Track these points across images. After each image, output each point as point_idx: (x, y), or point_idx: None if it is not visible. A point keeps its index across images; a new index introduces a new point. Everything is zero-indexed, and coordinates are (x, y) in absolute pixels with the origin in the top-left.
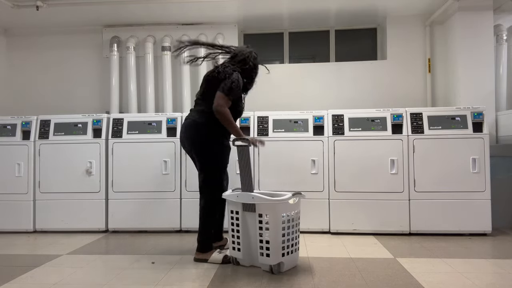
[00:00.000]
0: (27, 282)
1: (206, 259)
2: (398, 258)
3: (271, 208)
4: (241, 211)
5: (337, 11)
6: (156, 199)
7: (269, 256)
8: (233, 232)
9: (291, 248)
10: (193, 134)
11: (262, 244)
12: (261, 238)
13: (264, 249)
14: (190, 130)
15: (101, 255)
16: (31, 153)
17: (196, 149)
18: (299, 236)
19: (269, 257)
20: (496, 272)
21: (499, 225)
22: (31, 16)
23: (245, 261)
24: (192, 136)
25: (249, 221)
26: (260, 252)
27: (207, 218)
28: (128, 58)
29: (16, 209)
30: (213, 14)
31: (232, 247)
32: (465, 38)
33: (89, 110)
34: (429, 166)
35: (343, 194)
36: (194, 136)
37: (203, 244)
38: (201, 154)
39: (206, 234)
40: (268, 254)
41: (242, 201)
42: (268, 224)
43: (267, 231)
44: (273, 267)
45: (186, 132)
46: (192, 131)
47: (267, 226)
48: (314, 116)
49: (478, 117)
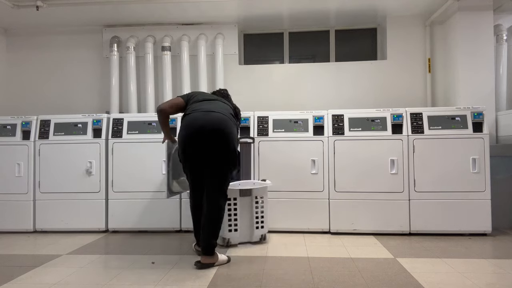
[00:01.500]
0: (27, 282)
1: (214, 262)
2: (398, 258)
3: (263, 191)
4: (238, 197)
5: (337, 11)
6: (156, 199)
7: (263, 228)
8: (230, 216)
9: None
10: (231, 128)
11: (258, 219)
12: (256, 215)
13: (259, 223)
14: (228, 123)
15: (101, 255)
16: (31, 153)
17: (229, 146)
18: None
19: (263, 228)
20: (496, 272)
21: (499, 225)
22: (31, 16)
23: (238, 239)
24: (230, 129)
25: (244, 204)
26: (255, 226)
27: (221, 220)
28: (128, 58)
29: (16, 209)
30: (213, 14)
31: (228, 229)
32: (465, 38)
33: (89, 110)
34: (429, 166)
35: (343, 194)
36: (231, 130)
37: (214, 247)
38: (230, 152)
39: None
40: (263, 226)
41: (244, 187)
42: (263, 203)
43: (262, 209)
44: (265, 236)
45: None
46: (230, 125)
47: (262, 205)
48: (314, 116)
49: (478, 117)
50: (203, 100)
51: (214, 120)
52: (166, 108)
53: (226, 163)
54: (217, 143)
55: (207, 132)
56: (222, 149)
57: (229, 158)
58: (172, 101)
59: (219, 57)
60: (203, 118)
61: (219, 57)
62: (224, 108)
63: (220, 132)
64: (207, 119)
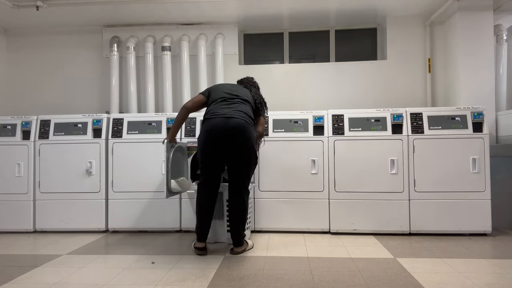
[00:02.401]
0: (27, 282)
1: (245, 249)
2: (398, 258)
3: None
4: None
5: (337, 11)
6: (156, 199)
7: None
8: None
9: None
10: (251, 133)
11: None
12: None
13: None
14: (247, 129)
15: (101, 255)
16: (31, 153)
17: (250, 149)
18: None
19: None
20: (496, 272)
21: (499, 225)
22: (31, 16)
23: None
24: (250, 135)
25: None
26: None
27: (247, 214)
28: (128, 58)
29: (16, 209)
30: (213, 14)
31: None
32: (465, 38)
33: (89, 110)
34: (429, 166)
35: (343, 194)
36: (251, 135)
37: (244, 238)
38: (251, 155)
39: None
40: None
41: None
42: None
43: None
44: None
45: (242, 130)
46: (249, 130)
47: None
48: (314, 116)
49: (478, 117)
50: (222, 101)
51: (234, 128)
52: (188, 105)
53: (247, 164)
54: (237, 148)
55: (228, 139)
56: (242, 154)
57: (250, 161)
58: (193, 99)
59: (219, 57)
60: (223, 126)
61: (219, 57)
62: (242, 111)
63: (239, 139)
64: (227, 127)
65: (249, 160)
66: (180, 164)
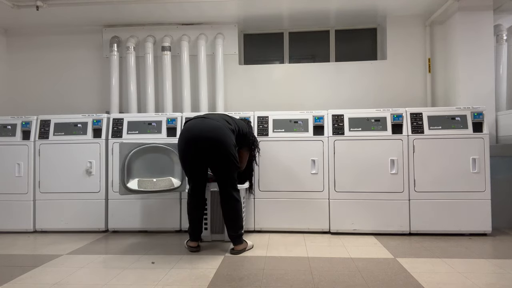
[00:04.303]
0: (27, 282)
1: (245, 248)
2: (398, 258)
3: None
4: (209, 197)
5: (337, 11)
6: (156, 199)
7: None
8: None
9: None
10: (227, 136)
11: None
12: None
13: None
14: (223, 131)
15: (101, 255)
16: (31, 153)
17: (227, 149)
18: None
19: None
20: (496, 272)
21: (499, 225)
22: (31, 16)
23: (209, 237)
24: (226, 136)
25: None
26: None
27: (241, 212)
28: (128, 58)
29: (16, 209)
30: (213, 14)
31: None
32: (465, 38)
33: (89, 110)
34: (429, 166)
35: (343, 194)
36: (228, 138)
37: (241, 236)
38: (230, 156)
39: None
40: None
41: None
42: None
43: None
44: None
45: (217, 132)
46: (225, 132)
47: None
48: (314, 116)
49: (478, 117)
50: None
51: (208, 127)
52: None
53: (224, 165)
54: (211, 148)
55: (202, 139)
56: (217, 154)
57: (226, 161)
58: None
59: (219, 57)
60: (198, 126)
61: (219, 57)
62: (221, 118)
63: (213, 138)
64: (201, 126)
65: (227, 159)
66: (167, 164)
